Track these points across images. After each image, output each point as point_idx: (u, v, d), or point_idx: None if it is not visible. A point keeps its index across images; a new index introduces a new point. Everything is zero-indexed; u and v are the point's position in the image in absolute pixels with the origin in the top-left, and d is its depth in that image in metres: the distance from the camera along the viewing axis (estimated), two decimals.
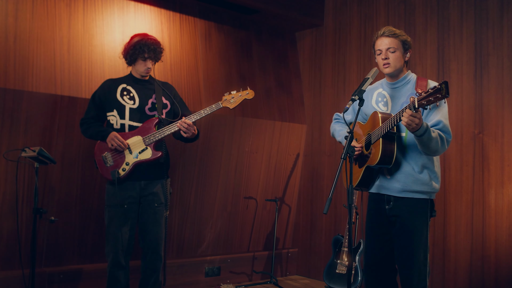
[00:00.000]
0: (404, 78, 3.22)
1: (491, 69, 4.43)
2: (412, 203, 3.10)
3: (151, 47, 3.70)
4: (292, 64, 6.02)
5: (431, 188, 3.10)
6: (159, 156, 3.69)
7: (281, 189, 5.82)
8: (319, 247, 5.75)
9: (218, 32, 5.37)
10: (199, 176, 5.13)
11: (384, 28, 3.20)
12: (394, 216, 3.15)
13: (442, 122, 3.03)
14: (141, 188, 3.72)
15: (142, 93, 3.79)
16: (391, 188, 3.15)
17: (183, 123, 3.67)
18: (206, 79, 5.17)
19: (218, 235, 5.36)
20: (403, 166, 3.11)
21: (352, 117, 3.51)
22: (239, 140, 5.37)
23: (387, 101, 3.27)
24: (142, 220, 3.73)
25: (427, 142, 2.94)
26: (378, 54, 3.21)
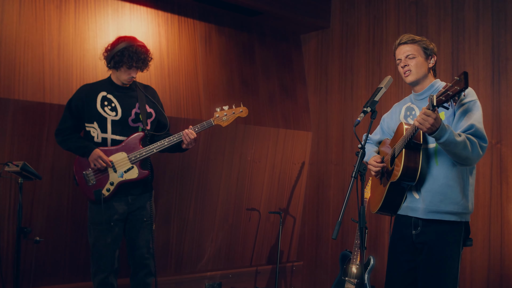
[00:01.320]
0: (430, 87, 2.94)
1: (510, 75, 4.15)
2: (442, 228, 2.77)
3: (140, 57, 3.40)
4: (296, 68, 5.74)
5: (462, 208, 2.76)
6: (146, 175, 3.47)
7: (285, 199, 5.55)
8: (325, 260, 5.48)
9: (218, 34, 5.11)
10: (199, 187, 4.87)
11: (402, 36, 2.96)
12: (422, 243, 2.83)
13: (474, 126, 2.68)
14: (128, 204, 3.50)
15: (125, 102, 3.48)
16: (418, 209, 2.83)
17: (188, 136, 3.44)
18: (206, 84, 4.90)
19: (219, 249, 5.10)
20: (430, 183, 2.79)
21: (381, 136, 3.25)
22: (241, 149, 5.10)
23: (415, 113, 2.98)
24: (131, 236, 3.53)
25: (452, 148, 2.60)
26: (398, 63, 2.97)
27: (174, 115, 4.55)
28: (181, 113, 4.63)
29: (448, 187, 2.74)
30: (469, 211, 2.79)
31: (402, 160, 2.74)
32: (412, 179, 2.77)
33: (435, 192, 2.76)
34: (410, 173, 2.75)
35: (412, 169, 2.75)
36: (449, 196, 2.74)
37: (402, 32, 4.89)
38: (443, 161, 2.76)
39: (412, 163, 2.74)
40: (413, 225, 2.85)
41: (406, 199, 2.90)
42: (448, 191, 2.74)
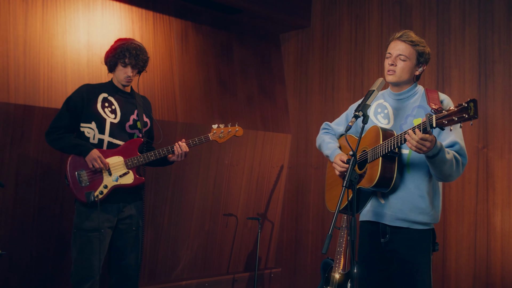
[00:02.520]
0: (410, 90, 2.82)
1: (497, 78, 4.04)
2: (412, 235, 2.69)
3: (132, 52, 3.32)
4: (276, 69, 5.56)
5: (431, 219, 2.69)
6: (141, 182, 3.39)
7: (263, 204, 5.36)
8: (305, 267, 5.31)
9: (196, 33, 4.88)
10: (174, 192, 4.65)
11: (402, 32, 2.78)
12: (391, 252, 2.73)
13: (458, 143, 2.63)
14: (119, 211, 3.37)
15: (125, 107, 3.44)
16: (384, 215, 2.73)
17: (180, 148, 3.40)
18: (182, 84, 4.68)
19: (195, 257, 4.89)
20: (400, 190, 2.69)
21: (344, 130, 3.06)
22: (218, 152, 4.89)
23: (388, 113, 2.85)
24: (118, 245, 3.38)
25: (439, 165, 2.52)
26: (388, 57, 2.80)
27: None
28: (156, 115, 4.40)
29: (419, 197, 2.67)
30: (435, 221, 2.72)
31: (379, 168, 2.61)
32: (386, 186, 2.66)
33: (405, 200, 2.67)
34: (385, 182, 2.64)
35: (387, 178, 2.63)
36: (419, 206, 2.66)
37: (385, 32, 4.76)
38: (415, 170, 2.68)
39: (388, 173, 2.63)
40: (381, 232, 2.75)
41: (370, 203, 2.80)
42: (418, 201, 2.67)
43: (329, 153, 2.98)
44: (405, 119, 2.75)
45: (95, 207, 3.23)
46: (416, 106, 2.74)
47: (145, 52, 3.42)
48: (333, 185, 3.01)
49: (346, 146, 2.99)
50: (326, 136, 3.12)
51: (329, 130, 3.16)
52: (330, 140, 3.06)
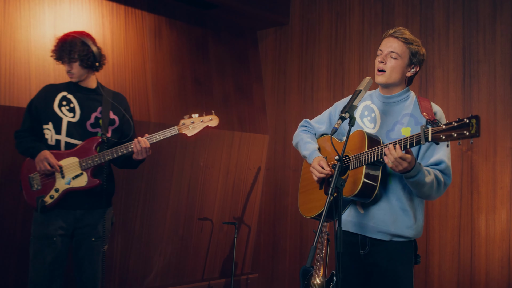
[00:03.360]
0: (402, 94, 2.63)
1: (482, 78, 3.92)
2: (393, 247, 2.54)
3: (64, 47, 3.08)
4: (253, 67, 5.37)
5: (414, 234, 2.54)
6: (96, 184, 3.09)
7: (239, 207, 5.17)
8: (283, 272, 5.13)
9: (169, 28, 4.65)
10: (146, 196, 4.42)
11: (396, 29, 2.61)
12: (371, 265, 2.57)
13: (444, 162, 2.48)
14: (76, 219, 3.11)
15: (85, 104, 3.18)
16: (364, 226, 2.56)
17: (138, 144, 3.08)
18: (155, 83, 4.44)
19: (168, 263, 4.67)
20: (382, 201, 2.53)
21: (326, 129, 2.89)
22: (192, 154, 4.68)
23: (375, 117, 2.67)
24: (77, 256, 3.14)
25: (417, 186, 2.40)
26: (379, 54, 2.62)
27: None
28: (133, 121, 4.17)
29: (401, 210, 2.52)
30: (420, 234, 2.58)
31: (362, 177, 2.44)
32: (367, 196, 2.49)
33: (387, 212, 2.52)
34: (367, 193, 2.47)
35: (370, 188, 2.46)
36: (401, 219, 2.52)
37: (367, 30, 4.60)
38: (397, 181, 2.53)
39: (370, 183, 2.46)
40: (360, 244, 2.59)
41: (348, 212, 2.64)
42: (401, 215, 2.52)
43: (307, 154, 2.80)
44: (392, 126, 2.58)
45: (49, 212, 3.03)
46: (407, 114, 2.57)
47: (77, 42, 3.09)
48: (308, 189, 2.83)
49: (326, 148, 2.82)
50: (305, 135, 2.93)
51: (308, 128, 2.97)
52: (309, 140, 2.87)
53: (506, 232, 3.76)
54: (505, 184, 3.78)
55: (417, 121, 2.55)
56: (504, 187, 3.78)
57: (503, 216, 3.78)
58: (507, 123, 3.79)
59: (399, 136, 2.54)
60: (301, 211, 2.83)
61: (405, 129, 2.57)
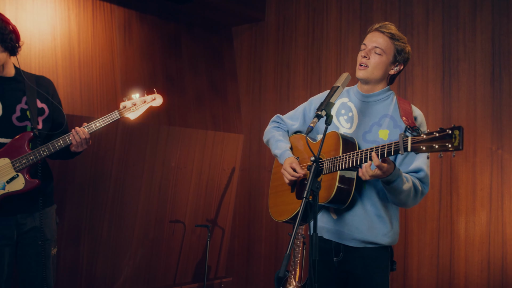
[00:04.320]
0: (382, 93, 2.49)
1: (462, 77, 3.82)
2: (368, 254, 2.41)
3: None
4: (227, 64, 5.20)
5: (390, 240, 2.42)
6: (35, 185, 2.75)
7: (213, 210, 4.99)
8: (257, 276, 4.97)
9: (140, 22, 4.46)
10: (115, 198, 4.23)
11: (384, 23, 2.46)
12: (346, 272, 2.44)
13: (424, 170, 2.34)
14: (18, 224, 2.77)
15: (7, 96, 2.78)
16: (338, 233, 2.43)
17: (77, 135, 2.74)
18: (125, 80, 4.25)
19: (138, 268, 4.47)
20: (356, 207, 2.39)
21: (300, 126, 2.72)
22: (164, 154, 4.49)
23: (352, 116, 2.52)
24: (23, 265, 2.80)
25: (395, 194, 2.27)
26: (362, 49, 2.47)
27: (85, 114, 3.88)
28: (94, 112, 3.96)
29: (376, 216, 2.39)
30: (396, 241, 2.46)
31: (336, 183, 2.29)
32: (342, 203, 2.35)
33: (361, 219, 2.39)
34: (342, 198, 2.33)
35: (344, 194, 2.32)
36: (377, 226, 2.39)
37: (344, 27, 4.48)
38: (371, 187, 2.41)
39: (345, 189, 2.32)
40: (333, 250, 2.46)
41: (320, 217, 2.51)
42: (377, 221, 2.39)
43: (279, 153, 2.63)
44: (370, 127, 2.44)
45: None
46: (386, 115, 2.43)
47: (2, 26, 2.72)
48: (279, 190, 2.68)
49: (298, 147, 2.66)
50: (277, 132, 2.75)
51: (280, 124, 2.80)
52: (281, 138, 2.70)
53: (486, 234, 3.66)
54: (485, 185, 3.68)
55: (396, 124, 2.41)
56: (484, 189, 3.68)
57: (483, 218, 3.68)
58: (487, 122, 3.69)
59: (376, 138, 2.41)
60: (272, 213, 2.68)
61: (382, 131, 2.43)
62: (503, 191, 3.62)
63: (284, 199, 2.60)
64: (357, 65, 2.46)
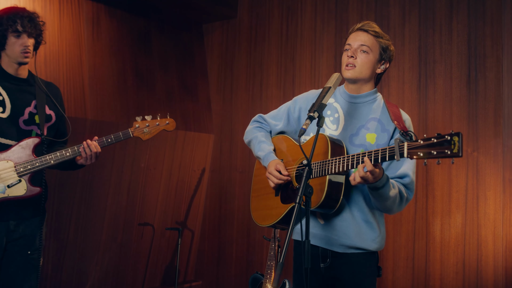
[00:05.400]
0: (370, 94, 2.43)
1: (438, 79, 3.82)
2: (356, 260, 2.35)
3: (25, 17, 2.64)
4: (198, 62, 5.06)
5: (378, 246, 2.37)
6: (36, 193, 2.67)
7: (183, 211, 4.86)
8: (228, 279, 4.87)
9: (109, 17, 4.28)
10: (82, 200, 4.05)
11: (365, 22, 2.41)
12: (333, 279, 2.38)
13: (409, 176, 2.30)
14: (9, 231, 2.66)
15: (17, 98, 2.71)
16: (325, 239, 2.36)
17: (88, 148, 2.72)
18: (93, 76, 4.06)
19: (105, 272, 4.30)
20: (344, 212, 2.33)
21: (284, 127, 2.62)
22: (133, 154, 4.33)
23: (338, 118, 2.45)
24: (8, 272, 2.68)
25: (379, 199, 2.21)
26: (347, 49, 2.40)
27: None
28: None
29: (364, 221, 2.34)
30: (383, 246, 2.42)
31: (326, 188, 2.22)
32: (331, 207, 2.28)
33: (349, 224, 2.33)
34: (331, 203, 2.26)
35: (333, 199, 2.26)
36: (365, 231, 2.34)
37: (319, 26, 4.42)
38: (359, 192, 2.35)
39: (334, 194, 2.25)
40: (320, 256, 2.39)
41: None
42: (364, 227, 2.34)
43: (262, 155, 2.54)
44: (357, 130, 2.37)
45: None
46: (373, 118, 2.37)
47: (36, 14, 2.76)
48: (262, 193, 2.59)
49: (282, 149, 2.57)
50: (259, 132, 2.65)
51: (262, 124, 2.70)
52: (264, 139, 2.60)
53: (461, 236, 3.67)
54: (460, 187, 3.69)
55: (383, 128, 2.36)
56: (460, 191, 3.69)
57: (458, 220, 3.69)
58: (463, 124, 3.70)
59: (363, 142, 2.35)
60: (254, 217, 2.58)
61: (370, 135, 2.37)
62: (478, 194, 3.63)
63: (268, 203, 2.51)
64: (343, 66, 2.40)
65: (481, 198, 3.62)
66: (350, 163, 2.12)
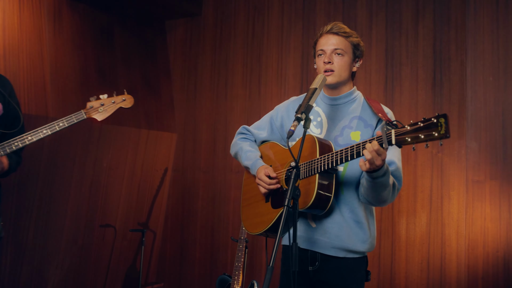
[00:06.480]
0: (349, 94, 2.43)
1: (404, 81, 3.89)
2: (345, 264, 2.32)
3: None
4: (161, 60, 4.96)
5: (368, 248, 2.35)
6: None
7: (145, 212, 4.74)
8: (191, 282, 4.79)
9: (71, 12, 4.12)
10: (41, 201, 3.88)
11: (332, 24, 2.37)
12: (321, 282, 2.34)
13: (396, 164, 2.26)
14: None
15: None
16: (317, 242, 2.33)
17: None
18: (54, 72, 3.90)
19: (65, 276, 4.14)
20: (335, 213, 2.30)
21: (268, 135, 2.61)
22: (95, 153, 4.19)
23: (321, 121, 2.44)
24: None
25: (380, 189, 2.16)
26: (320, 55, 2.37)
27: None
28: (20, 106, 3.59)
29: (355, 222, 2.31)
30: (374, 247, 2.40)
31: (316, 187, 2.19)
32: (322, 208, 2.25)
33: (341, 226, 2.29)
34: (321, 204, 2.23)
35: (324, 199, 2.22)
36: (356, 232, 2.30)
37: (286, 26, 4.42)
38: (349, 190, 2.32)
39: (325, 193, 2.22)
40: (309, 259, 2.36)
41: (298, 226, 2.36)
42: (355, 228, 2.31)
43: (250, 164, 2.50)
44: (341, 131, 2.36)
45: None
46: (355, 117, 2.36)
47: None
48: (252, 202, 2.54)
49: (269, 156, 2.54)
50: (244, 143, 2.63)
51: (247, 135, 2.68)
52: (250, 148, 2.58)
53: (426, 235, 3.76)
54: (425, 187, 3.78)
55: (366, 124, 2.36)
56: (425, 191, 3.78)
57: (423, 219, 3.77)
58: None
59: (349, 141, 2.34)
60: (245, 226, 2.54)
61: (354, 133, 2.37)
62: (442, 193, 3.73)
63: (259, 211, 2.47)
64: (322, 71, 2.38)
65: (445, 198, 3.72)
66: (339, 158, 2.10)
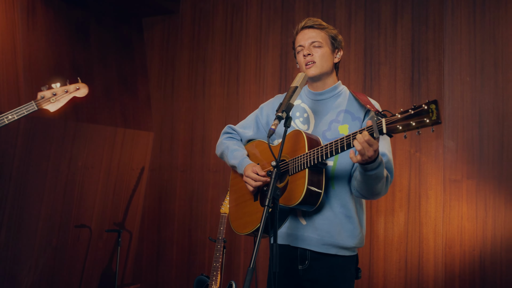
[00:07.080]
0: (334, 89, 2.42)
1: (383, 81, 3.90)
2: (335, 262, 2.29)
3: None
4: (137, 57, 4.88)
5: (359, 243, 2.33)
6: None
7: (121, 212, 4.66)
8: (168, 283, 4.73)
9: (46, 6, 4.02)
10: (14, 202, 3.77)
11: (307, 19, 2.40)
12: (311, 281, 2.31)
13: (387, 155, 2.24)
14: None
15: None
16: (307, 239, 2.30)
17: None
18: (28, 68, 3.80)
19: (39, 279, 4.04)
20: (326, 209, 2.28)
21: (254, 134, 2.58)
22: (70, 152, 4.10)
23: (308, 117, 2.42)
24: None
25: (373, 182, 2.13)
26: (299, 51, 2.38)
27: None
28: None
29: (346, 217, 2.29)
30: (363, 243, 2.38)
31: (306, 182, 2.16)
32: (312, 204, 2.22)
33: (332, 222, 2.27)
34: (311, 200, 2.20)
35: (314, 194, 2.19)
36: (347, 228, 2.28)
37: (265, 25, 4.39)
38: (340, 185, 2.30)
39: (315, 188, 2.19)
40: (299, 258, 2.33)
41: (287, 224, 2.36)
42: (347, 223, 2.29)
43: (236, 163, 2.47)
44: (328, 125, 2.34)
45: None
46: (342, 110, 2.35)
47: None
48: (241, 202, 2.51)
49: (256, 154, 2.51)
50: (230, 142, 2.60)
51: (233, 134, 2.65)
52: (236, 147, 2.55)
53: (404, 234, 3.77)
54: (403, 187, 3.79)
55: (353, 117, 2.33)
56: (403, 190, 3.79)
57: (401, 219, 3.78)
58: None
59: (337, 135, 2.31)
60: (234, 227, 2.50)
61: (342, 127, 2.35)
62: (420, 193, 3.74)
63: (247, 210, 2.43)
64: (303, 67, 2.37)
65: (423, 197, 3.73)
66: (329, 151, 2.08)
